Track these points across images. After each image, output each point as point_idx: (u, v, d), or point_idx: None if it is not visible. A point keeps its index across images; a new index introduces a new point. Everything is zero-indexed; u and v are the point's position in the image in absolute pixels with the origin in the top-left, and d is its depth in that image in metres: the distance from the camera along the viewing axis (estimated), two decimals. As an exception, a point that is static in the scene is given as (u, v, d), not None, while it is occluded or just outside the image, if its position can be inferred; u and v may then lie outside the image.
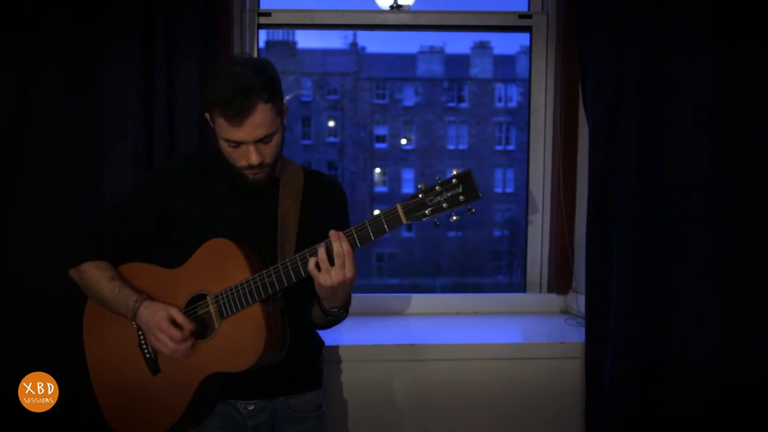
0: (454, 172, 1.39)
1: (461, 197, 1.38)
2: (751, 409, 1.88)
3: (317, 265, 1.45)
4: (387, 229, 1.41)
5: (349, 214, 1.77)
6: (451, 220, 1.40)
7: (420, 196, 1.40)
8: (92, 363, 1.71)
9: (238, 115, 1.46)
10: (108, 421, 1.68)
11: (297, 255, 1.49)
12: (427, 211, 1.39)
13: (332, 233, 1.45)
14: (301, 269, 1.48)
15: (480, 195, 1.36)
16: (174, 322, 1.54)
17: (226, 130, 1.49)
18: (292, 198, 1.64)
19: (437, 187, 1.39)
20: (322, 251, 1.45)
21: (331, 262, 1.45)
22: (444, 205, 1.39)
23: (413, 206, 1.40)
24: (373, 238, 1.43)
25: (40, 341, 2.00)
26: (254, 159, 1.51)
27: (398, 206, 1.41)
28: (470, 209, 1.39)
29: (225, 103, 1.46)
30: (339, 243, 1.44)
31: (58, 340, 1.95)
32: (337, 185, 1.75)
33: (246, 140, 1.50)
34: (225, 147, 1.54)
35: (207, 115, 1.56)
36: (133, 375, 1.63)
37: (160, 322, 1.53)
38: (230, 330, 1.54)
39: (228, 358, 1.54)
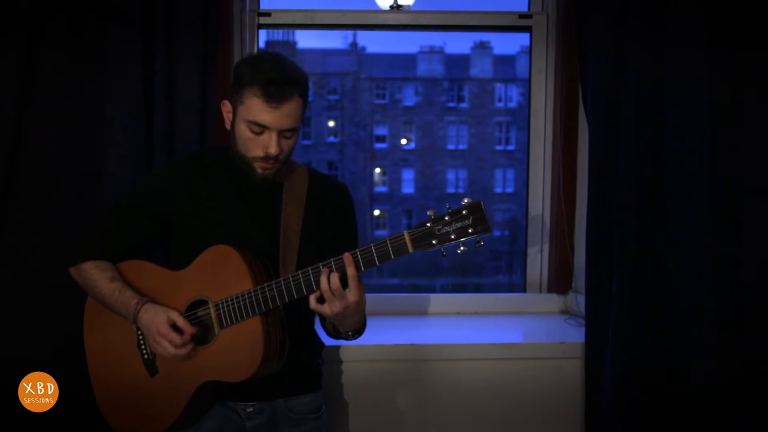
0: (465, 201, 1.36)
1: (470, 229, 1.34)
2: (752, 409, 1.88)
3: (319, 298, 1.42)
4: (392, 256, 1.39)
5: (356, 217, 1.74)
6: (459, 251, 1.37)
7: (428, 224, 1.37)
8: (90, 357, 1.70)
9: (279, 95, 1.45)
10: (104, 417, 1.67)
11: (300, 271, 1.47)
12: (434, 241, 1.36)
13: (344, 257, 1.41)
14: (303, 287, 1.46)
15: (491, 229, 1.33)
16: (174, 326, 1.53)
17: (258, 112, 1.47)
18: (296, 205, 1.61)
19: (446, 217, 1.36)
20: (324, 281, 1.41)
21: (345, 285, 1.42)
22: (452, 236, 1.35)
23: (420, 235, 1.37)
24: (377, 263, 1.41)
25: (40, 341, 1.99)
26: (274, 149, 1.49)
27: (405, 234, 1.38)
28: (479, 242, 1.36)
29: (269, 81, 1.45)
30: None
31: (58, 339, 1.95)
32: (343, 190, 1.72)
33: (274, 126, 1.48)
34: (245, 134, 1.51)
35: (226, 103, 1.55)
36: (130, 374, 1.62)
37: (161, 325, 1.52)
38: (229, 339, 1.52)
39: (225, 369, 1.52)
